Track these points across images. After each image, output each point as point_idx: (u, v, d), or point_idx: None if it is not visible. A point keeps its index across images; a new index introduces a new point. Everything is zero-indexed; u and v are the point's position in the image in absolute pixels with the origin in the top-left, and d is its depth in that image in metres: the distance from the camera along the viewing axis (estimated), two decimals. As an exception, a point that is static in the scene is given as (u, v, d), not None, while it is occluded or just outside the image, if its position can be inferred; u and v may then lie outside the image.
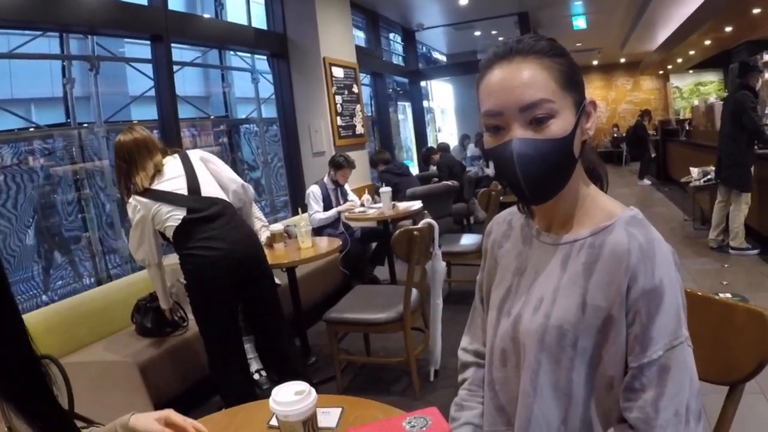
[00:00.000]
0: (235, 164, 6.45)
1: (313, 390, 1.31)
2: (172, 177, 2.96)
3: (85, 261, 4.46)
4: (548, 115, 1.01)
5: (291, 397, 1.28)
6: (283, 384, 1.33)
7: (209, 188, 3.03)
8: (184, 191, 2.94)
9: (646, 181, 12.91)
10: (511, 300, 1.20)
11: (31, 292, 4.22)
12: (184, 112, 5.34)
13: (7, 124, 4.28)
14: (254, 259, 3.09)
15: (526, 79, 1.02)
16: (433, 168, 8.83)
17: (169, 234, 2.93)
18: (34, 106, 5.61)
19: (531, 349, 1.09)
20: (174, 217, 2.88)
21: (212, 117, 6.38)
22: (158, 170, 2.94)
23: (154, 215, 2.90)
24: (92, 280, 4.39)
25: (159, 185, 2.92)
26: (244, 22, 6.55)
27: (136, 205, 2.90)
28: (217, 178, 3.14)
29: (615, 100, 20.76)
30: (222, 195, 3.08)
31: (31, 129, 4.48)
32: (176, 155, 3.08)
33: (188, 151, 3.15)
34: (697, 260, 6.05)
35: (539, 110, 1.01)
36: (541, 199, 1.10)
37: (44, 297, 4.23)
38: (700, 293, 1.39)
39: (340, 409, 1.49)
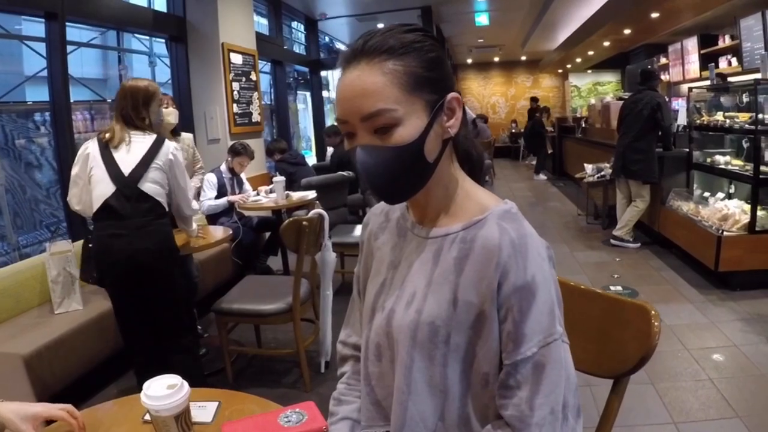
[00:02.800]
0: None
1: (185, 383, 1.28)
2: None
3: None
4: (390, 123, 0.98)
5: (163, 390, 1.24)
6: (155, 377, 1.29)
7: None
8: None
9: (542, 176, 13.28)
10: (385, 294, 1.17)
11: None
12: (80, 94, 5.17)
13: None
14: None
15: (366, 87, 0.98)
16: (329, 157, 8.70)
17: None
18: None
19: (404, 344, 1.07)
20: None
21: (109, 100, 6.21)
22: None
23: None
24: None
25: None
26: (144, 3, 6.39)
27: None
28: None
29: (514, 97, 21.24)
30: None
31: None
32: None
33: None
34: (590, 254, 6.37)
35: (380, 120, 0.98)
36: (392, 200, 1.13)
37: None
38: (583, 287, 1.42)
39: (216, 404, 1.46)
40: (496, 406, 1.03)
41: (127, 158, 2.94)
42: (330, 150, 8.78)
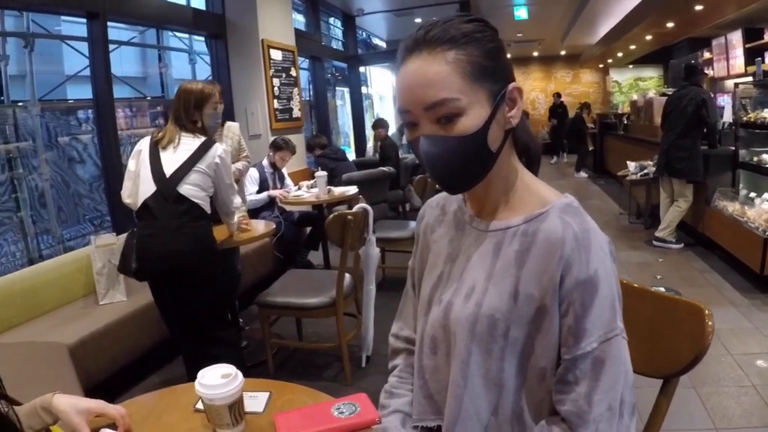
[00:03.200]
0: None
1: (239, 373, 1.30)
2: None
3: (18, 242, 4.39)
4: (454, 113, 0.98)
5: (217, 380, 1.26)
6: (209, 366, 1.32)
7: None
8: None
9: (583, 174, 13.07)
10: (442, 287, 1.16)
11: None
12: (121, 92, 5.26)
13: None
14: None
15: (429, 77, 0.98)
16: (369, 153, 8.77)
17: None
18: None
19: (462, 337, 1.06)
20: None
21: (149, 98, 6.29)
22: None
23: None
24: (24, 260, 4.32)
25: None
26: (182, 1, 6.46)
27: None
28: None
29: (554, 92, 20.99)
30: None
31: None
32: None
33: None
34: (632, 254, 6.25)
35: (444, 109, 0.98)
36: (456, 190, 1.13)
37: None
38: (636, 285, 1.40)
39: (267, 394, 1.46)
40: (551, 401, 1.03)
41: (172, 159, 3.00)
42: (370, 145, 8.84)
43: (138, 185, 3.03)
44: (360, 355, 3.84)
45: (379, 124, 8.90)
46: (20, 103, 4.45)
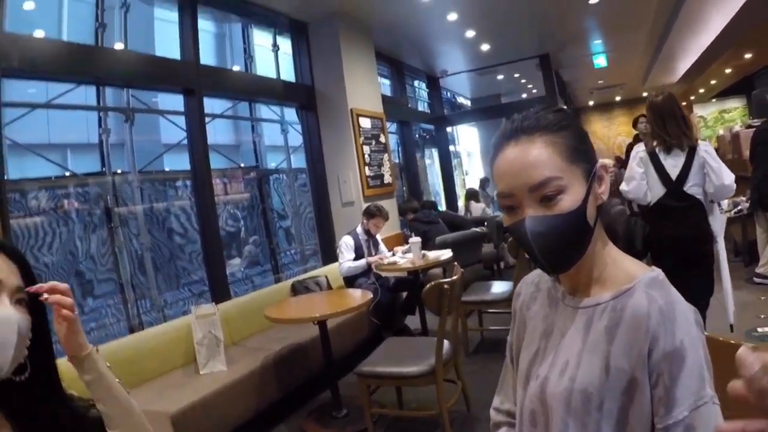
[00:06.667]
0: (265, 212, 6.49)
1: None
2: None
3: (119, 305, 4.53)
4: (557, 191, 1.05)
5: None
6: None
7: None
8: None
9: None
10: (538, 362, 1.21)
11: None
12: (215, 161, 5.43)
13: (44, 170, 4.38)
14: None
15: (532, 159, 1.06)
16: (461, 212, 8.85)
17: None
18: (70, 151, 5.75)
19: (558, 412, 1.10)
20: None
21: (242, 166, 6.45)
22: None
23: None
24: (124, 325, 4.44)
25: None
26: (272, 74, 6.67)
27: None
28: None
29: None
30: None
31: (67, 175, 4.57)
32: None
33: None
34: (733, 294, 5.88)
35: (547, 189, 1.05)
36: (560, 269, 1.13)
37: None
38: (733, 342, 1.37)
39: None
40: None
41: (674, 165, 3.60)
42: (461, 204, 8.90)
43: (643, 185, 3.71)
44: (461, 421, 3.74)
45: (472, 195, 9.39)
46: (120, 172, 4.66)
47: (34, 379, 1.11)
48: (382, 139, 7.54)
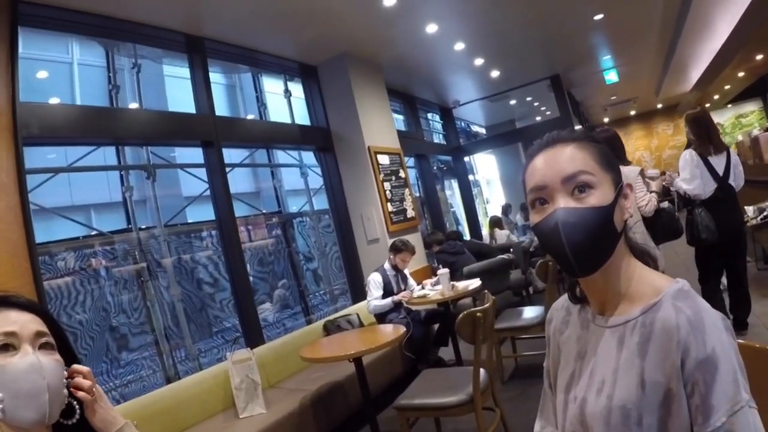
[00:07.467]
0: (291, 256, 6.53)
1: None
2: None
3: (154, 356, 4.58)
4: (588, 184, 1.12)
5: None
6: None
7: None
8: None
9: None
10: (575, 384, 1.23)
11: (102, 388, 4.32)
12: (237, 209, 5.50)
13: (69, 230, 4.46)
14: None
15: (567, 155, 1.15)
16: (485, 240, 8.85)
17: None
18: (94, 211, 5.86)
19: (599, 430, 1.11)
20: None
21: (265, 212, 6.51)
22: None
23: None
24: (160, 376, 4.47)
25: None
26: (287, 119, 6.77)
27: None
28: None
29: (658, 148, 20.54)
30: None
31: (94, 234, 4.65)
32: None
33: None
34: (765, 303, 5.70)
35: (580, 179, 1.12)
36: (587, 268, 1.15)
37: (114, 394, 4.33)
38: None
39: None
40: None
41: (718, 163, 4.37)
42: (485, 232, 8.91)
43: (702, 183, 4.37)
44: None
45: (496, 222, 9.70)
46: (145, 227, 4.75)
47: (86, 421, 1.11)
48: (402, 174, 7.59)
